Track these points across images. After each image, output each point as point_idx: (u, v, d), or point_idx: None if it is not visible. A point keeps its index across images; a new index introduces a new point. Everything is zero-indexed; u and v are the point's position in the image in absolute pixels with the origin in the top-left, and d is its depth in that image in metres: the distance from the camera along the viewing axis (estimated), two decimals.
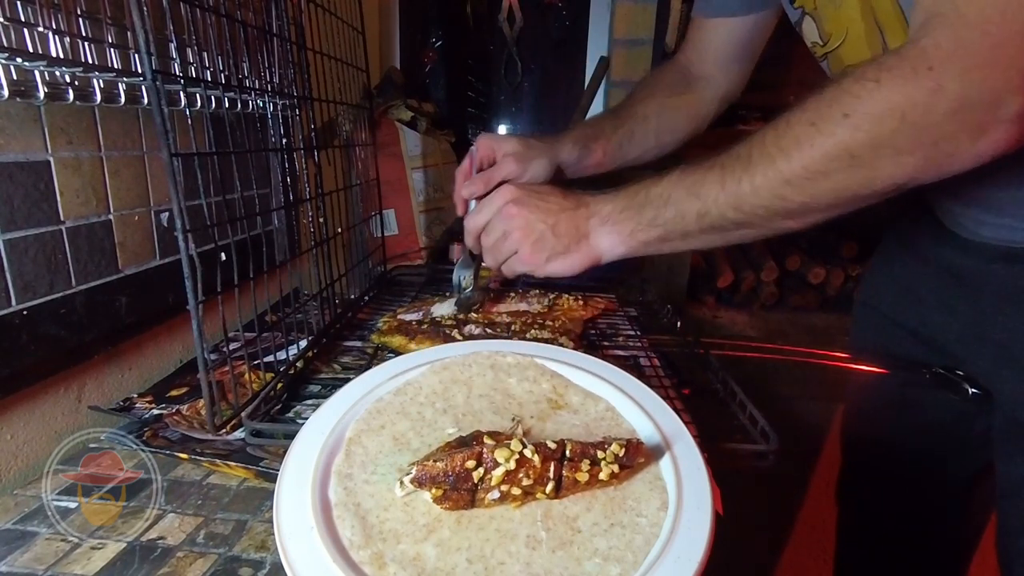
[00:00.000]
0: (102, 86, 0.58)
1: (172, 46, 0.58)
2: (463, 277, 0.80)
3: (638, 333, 0.84)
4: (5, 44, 0.49)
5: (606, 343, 0.81)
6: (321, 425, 0.44)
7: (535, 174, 0.75)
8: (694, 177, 0.54)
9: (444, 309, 0.81)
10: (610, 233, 0.60)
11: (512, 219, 0.62)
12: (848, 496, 0.87)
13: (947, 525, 0.78)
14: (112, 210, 0.65)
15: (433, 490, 0.37)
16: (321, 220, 0.84)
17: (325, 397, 0.50)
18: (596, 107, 1.61)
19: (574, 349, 0.63)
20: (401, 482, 0.39)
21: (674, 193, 0.55)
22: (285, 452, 0.42)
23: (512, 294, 0.90)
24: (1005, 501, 0.62)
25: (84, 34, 0.56)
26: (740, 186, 0.50)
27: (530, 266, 0.62)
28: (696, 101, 0.82)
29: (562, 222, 0.61)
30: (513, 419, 0.46)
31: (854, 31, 0.58)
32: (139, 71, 0.59)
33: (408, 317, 0.80)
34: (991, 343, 0.59)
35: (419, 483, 0.37)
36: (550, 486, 0.38)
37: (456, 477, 0.37)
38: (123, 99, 0.60)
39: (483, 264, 0.71)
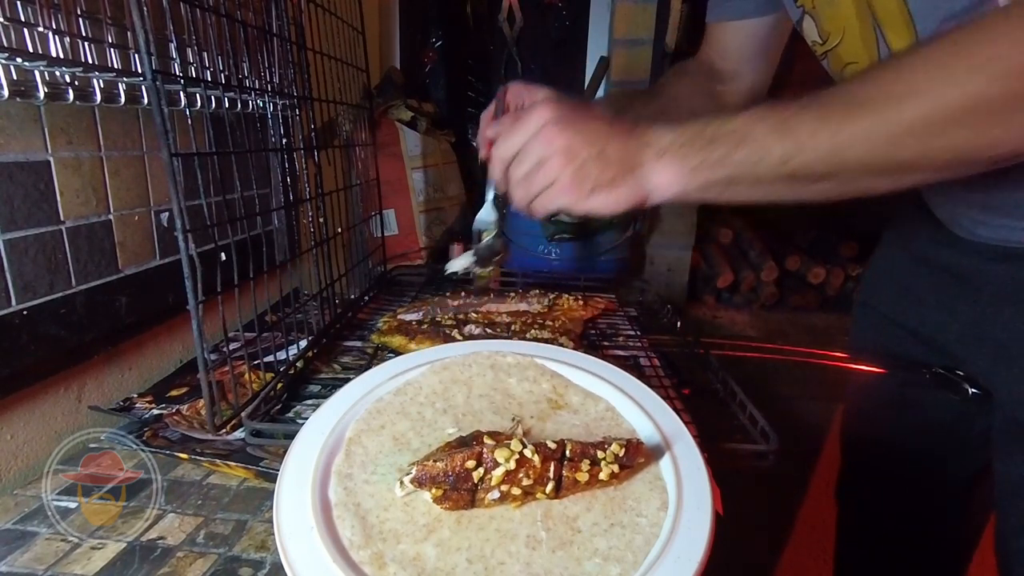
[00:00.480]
0: (102, 86, 0.58)
1: (172, 46, 0.58)
2: (484, 225, 0.71)
3: (638, 333, 0.84)
4: (5, 44, 0.49)
5: (606, 343, 0.81)
6: (321, 425, 0.44)
7: None
8: (783, 115, 0.46)
9: (462, 262, 0.72)
10: (668, 167, 0.49)
11: (551, 143, 0.50)
12: (848, 496, 0.87)
13: (947, 525, 0.78)
14: (112, 210, 0.65)
15: (433, 490, 0.37)
16: (321, 220, 0.84)
17: (325, 397, 0.50)
18: None
19: (574, 349, 0.63)
20: (401, 482, 0.39)
21: (755, 130, 0.46)
22: (285, 452, 0.42)
23: (512, 294, 0.90)
24: (1004, 501, 0.62)
25: (84, 34, 0.56)
26: (840, 131, 0.43)
27: (569, 199, 0.52)
28: (725, 92, 0.78)
29: (611, 148, 0.50)
30: (513, 419, 0.46)
31: (851, 29, 0.57)
32: (139, 71, 0.59)
33: (408, 317, 0.80)
34: (990, 343, 0.59)
35: (419, 483, 0.37)
36: (550, 486, 0.38)
37: (456, 477, 0.37)
38: (123, 99, 0.60)
39: (510, 205, 0.59)
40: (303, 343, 0.76)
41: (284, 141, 0.85)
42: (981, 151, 0.41)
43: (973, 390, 0.63)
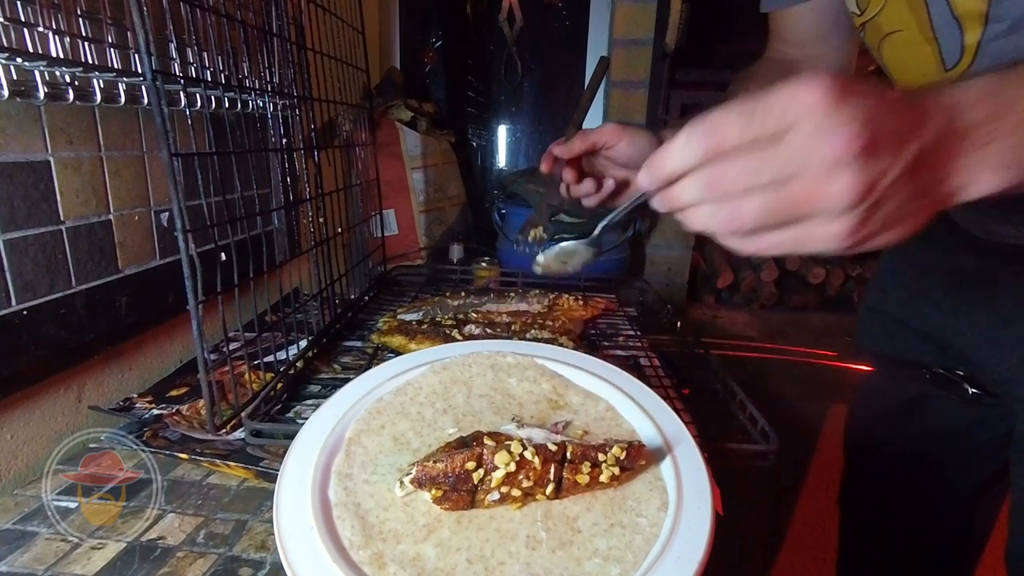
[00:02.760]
0: (102, 86, 0.58)
1: (172, 46, 0.58)
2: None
3: (638, 333, 0.84)
4: (5, 44, 0.49)
5: (606, 343, 0.81)
6: (321, 425, 0.44)
7: (636, 145, 0.62)
8: None
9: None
10: (988, 163, 0.32)
11: (824, 146, 0.28)
12: (851, 502, 0.86)
13: (952, 533, 0.76)
14: (112, 210, 0.65)
15: (433, 491, 0.37)
16: (321, 220, 0.84)
17: (325, 397, 0.50)
18: (596, 107, 1.61)
19: (574, 349, 0.63)
20: (401, 482, 0.39)
21: None
22: (285, 452, 0.42)
23: (512, 294, 0.90)
24: (1018, 511, 0.61)
25: (84, 34, 0.56)
26: None
27: (842, 247, 0.31)
28: None
29: (925, 153, 0.30)
30: (513, 419, 0.46)
31: None
32: (139, 71, 0.59)
33: (408, 317, 0.80)
34: (1010, 347, 0.58)
35: (419, 483, 0.37)
36: (550, 488, 0.38)
37: (456, 478, 0.37)
38: (123, 99, 0.60)
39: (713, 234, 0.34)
40: (303, 343, 0.76)
41: (284, 141, 0.84)
42: None
43: (973, 390, 0.62)
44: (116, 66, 0.59)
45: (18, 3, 0.50)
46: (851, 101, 0.29)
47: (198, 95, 0.69)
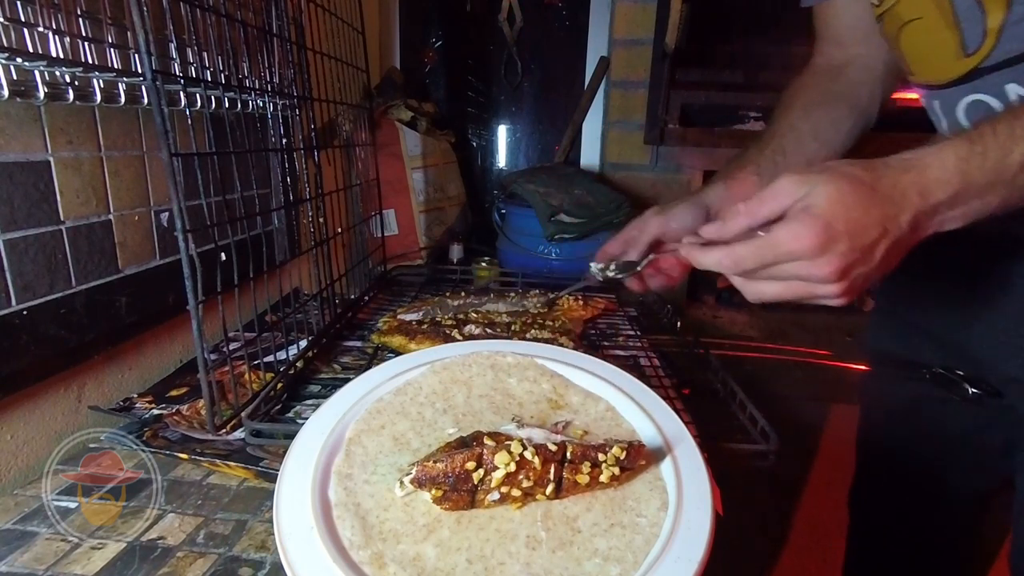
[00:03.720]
0: (102, 86, 0.58)
1: (172, 46, 0.58)
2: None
3: (638, 333, 0.84)
4: (5, 44, 0.49)
5: (606, 343, 0.81)
6: (321, 425, 0.44)
7: (681, 221, 0.68)
8: None
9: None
10: (948, 220, 0.45)
11: (821, 271, 0.43)
12: (860, 503, 0.85)
13: (962, 537, 0.76)
14: (112, 210, 0.65)
15: (433, 491, 0.37)
16: (321, 220, 0.84)
17: (325, 397, 0.50)
18: (596, 107, 1.61)
19: (574, 349, 0.63)
20: (401, 482, 0.39)
21: None
22: (285, 452, 0.42)
23: (512, 294, 0.90)
24: (1021, 516, 0.61)
25: (84, 34, 0.56)
26: None
27: (839, 303, 0.46)
28: (848, 88, 0.69)
29: (888, 247, 0.43)
30: (513, 419, 0.46)
31: None
32: (139, 71, 0.59)
33: (408, 317, 0.80)
34: (1013, 348, 0.57)
35: (419, 484, 0.37)
36: (550, 487, 0.38)
37: (456, 478, 0.37)
38: (123, 99, 0.60)
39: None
40: (303, 343, 0.76)
41: (284, 141, 0.84)
42: None
43: (973, 390, 0.62)
44: (116, 66, 0.59)
45: (18, 3, 0.50)
46: (832, 245, 0.41)
47: (198, 95, 0.69)
